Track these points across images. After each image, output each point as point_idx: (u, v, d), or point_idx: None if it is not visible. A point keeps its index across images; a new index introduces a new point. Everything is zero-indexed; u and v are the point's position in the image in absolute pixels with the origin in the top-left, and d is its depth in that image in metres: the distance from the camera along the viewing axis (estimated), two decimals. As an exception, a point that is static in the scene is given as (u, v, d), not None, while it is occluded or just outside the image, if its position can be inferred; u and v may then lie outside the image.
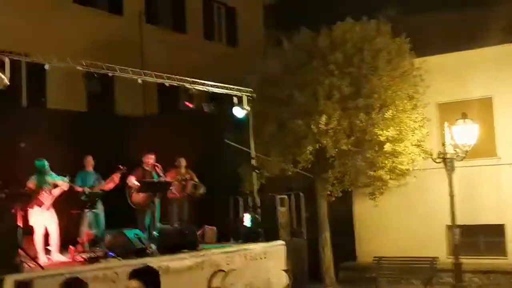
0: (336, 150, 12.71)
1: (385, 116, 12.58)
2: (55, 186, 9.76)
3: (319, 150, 12.86)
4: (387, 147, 12.70)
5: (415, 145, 13.03)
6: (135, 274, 4.63)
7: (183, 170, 11.81)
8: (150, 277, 4.66)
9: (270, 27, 19.88)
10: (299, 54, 13.33)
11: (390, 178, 13.05)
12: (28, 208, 9.19)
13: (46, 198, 9.50)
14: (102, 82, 10.11)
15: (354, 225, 15.03)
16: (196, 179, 11.74)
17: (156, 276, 4.73)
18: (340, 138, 12.62)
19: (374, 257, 13.66)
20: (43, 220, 9.43)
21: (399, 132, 12.83)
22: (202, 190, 11.66)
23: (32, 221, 9.31)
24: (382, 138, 12.67)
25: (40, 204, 9.38)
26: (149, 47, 16.71)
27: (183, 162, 11.84)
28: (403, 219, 14.27)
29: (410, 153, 12.89)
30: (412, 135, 13.00)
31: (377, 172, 12.94)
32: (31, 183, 9.51)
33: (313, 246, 13.10)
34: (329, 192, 13.48)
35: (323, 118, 12.38)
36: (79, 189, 10.44)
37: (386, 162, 12.88)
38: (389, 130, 12.66)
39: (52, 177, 9.72)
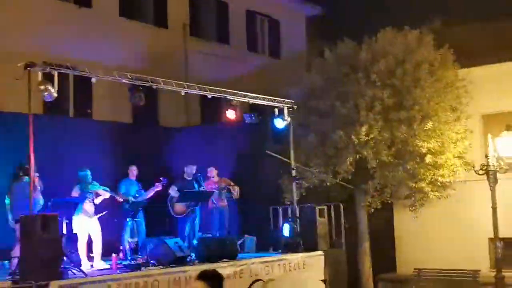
0: (377, 161, 12.68)
1: (426, 127, 12.50)
2: (98, 195, 10.08)
3: (359, 161, 12.85)
4: (428, 158, 12.61)
5: (457, 157, 12.90)
6: (201, 276, 4.82)
7: (216, 179, 11.98)
8: (215, 281, 4.84)
9: (313, 38, 19.98)
10: (341, 65, 13.37)
11: (431, 190, 12.94)
12: (73, 216, 9.49)
13: (89, 206, 9.82)
14: (146, 93, 10.38)
15: (394, 236, 14.93)
16: (231, 183, 11.90)
17: (221, 281, 4.92)
18: (381, 149, 12.58)
19: (414, 268, 13.54)
20: (87, 227, 9.74)
21: (441, 144, 12.73)
22: (237, 190, 11.79)
23: (76, 229, 9.62)
24: (423, 150, 12.59)
25: (84, 213, 9.70)
26: (193, 58, 17.02)
27: (214, 171, 12.01)
28: (444, 231, 14.10)
29: (451, 165, 12.77)
30: (454, 147, 12.87)
31: (418, 184, 12.85)
32: (75, 192, 9.84)
33: (352, 257, 13.08)
34: (368, 203, 13.44)
35: (364, 129, 12.38)
36: (122, 198, 10.72)
37: (427, 174, 12.78)
38: (430, 141, 12.57)
39: (95, 187, 10.03)
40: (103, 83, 10.54)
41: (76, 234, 9.62)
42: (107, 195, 10.20)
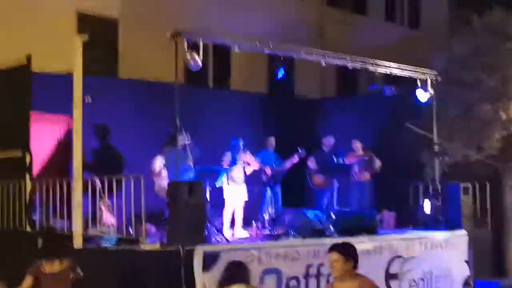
0: (526, 138, 11.87)
1: None
2: (247, 164, 10.22)
3: (507, 138, 12.08)
4: None
5: None
6: (335, 247, 4.97)
7: (360, 152, 11.73)
8: (350, 251, 5.02)
9: (455, 6, 18.98)
10: (491, 34, 12.55)
11: None
12: (222, 183, 9.67)
13: (239, 174, 9.97)
14: (284, 64, 10.29)
15: (543, 219, 13.96)
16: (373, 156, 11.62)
17: (355, 250, 5.07)
18: (531, 126, 11.76)
19: None
20: (234, 195, 9.90)
21: None
22: (379, 163, 11.47)
23: (224, 196, 9.80)
24: None
25: (233, 180, 9.87)
26: (329, 29, 16.73)
27: (358, 144, 11.75)
28: None
29: None
30: None
31: None
32: (227, 160, 10.00)
33: (497, 239, 12.39)
34: (515, 182, 12.65)
35: (513, 104, 11.61)
36: (268, 169, 10.78)
37: None
38: None
39: (245, 155, 10.16)
40: (241, 54, 10.52)
41: (217, 202, 9.81)
42: (257, 165, 10.32)
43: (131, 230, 8.28)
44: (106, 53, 12.78)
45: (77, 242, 7.95)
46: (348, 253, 4.96)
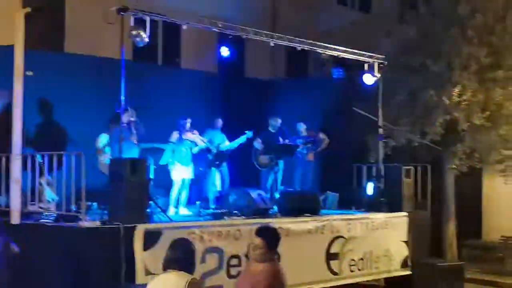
0: (468, 124, 12.16)
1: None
2: (195, 144, 10.23)
3: (449, 123, 12.36)
4: (525, 123, 11.98)
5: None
6: (262, 233, 5.03)
7: (304, 133, 11.83)
8: (275, 239, 5.08)
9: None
10: (437, 20, 12.76)
11: (525, 157, 12.35)
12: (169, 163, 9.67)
13: (186, 154, 9.95)
14: (233, 44, 10.27)
15: (481, 201, 14.42)
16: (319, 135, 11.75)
17: (279, 238, 5.11)
18: (474, 112, 12.04)
19: (501, 236, 13.04)
20: (181, 175, 9.90)
21: (539, 108, 12.05)
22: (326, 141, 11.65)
23: (172, 175, 9.84)
24: (520, 114, 11.97)
25: (180, 160, 9.87)
26: (281, 10, 16.74)
27: (303, 127, 11.85)
28: (536, 198, 13.50)
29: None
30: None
31: (511, 150, 12.28)
32: (173, 138, 9.97)
33: (436, 221, 12.73)
34: (455, 166, 12.98)
35: (457, 90, 11.86)
36: (213, 148, 10.80)
37: (522, 139, 12.18)
38: (528, 105, 11.93)
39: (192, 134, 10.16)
40: (190, 32, 10.44)
41: (159, 180, 9.79)
42: (203, 144, 10.33)
43: (73, 208, 8.20)
44: (52, 27, 12.50)
45: (15, 218, 7.83)
46: (273, 241, 5.05)
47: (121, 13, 8.52)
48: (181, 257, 4.81)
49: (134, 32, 8.70)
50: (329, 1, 18.29)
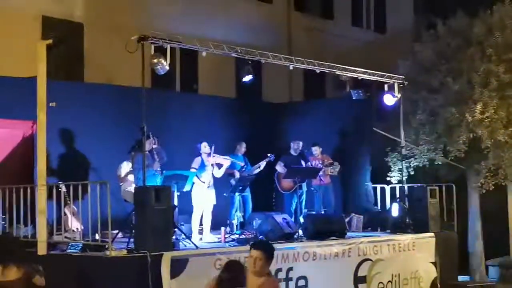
0: (492, 141, 12.02)
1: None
2: (220, 166, 10.16)
3: (472, 140, 12.23)
4: (549, 139, 11.81)
5: None
6: (260, 245, 5.33)
7: (319, 156, 11.75)
8: (272, 252, 5.31)
9: (420, 11, 19.20)
10: (454, 39, 12.71)
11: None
12: (190, 188, 9.58)
13: (208, 178, 9.88)
14: (251, 69, 10.27)
15: (507, 219, 14.18)
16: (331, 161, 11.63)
17: (273, 251, 5.34)
18: (496, 128, 11.92)
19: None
20: (202, 199, 9.81)
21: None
22: (338, 168, 11.52)
23: (193, 200, 9.76)
24: (543, 130, 11.81)
25: (201, 184, 9.80)
26: (297, 34, 16.79)
27: (317, 150, 11.76)
28: None
29: None
30: None
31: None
32: (196, 164, 9.90)
33: (463, 240, 12.53)
34: (480, 184, 12.80)
35: (479, 107, 11.76)
36: (236, 173, 10.73)
37: (547, 155, 11.99)
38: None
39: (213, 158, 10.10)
40: (208, 58, 10.48)
41: (185, 207, 9.71)
42: (227, 162, 10.25)
43: (97, 236, 8.15)
44: (71, 57, 12.60)
45: (41, 249, 7.79)
46: (270, 252, 5.26)
47: (142, 41, 8.53)
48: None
49: (155, 61, 8.73)
50: (344, 23, 18.31)
